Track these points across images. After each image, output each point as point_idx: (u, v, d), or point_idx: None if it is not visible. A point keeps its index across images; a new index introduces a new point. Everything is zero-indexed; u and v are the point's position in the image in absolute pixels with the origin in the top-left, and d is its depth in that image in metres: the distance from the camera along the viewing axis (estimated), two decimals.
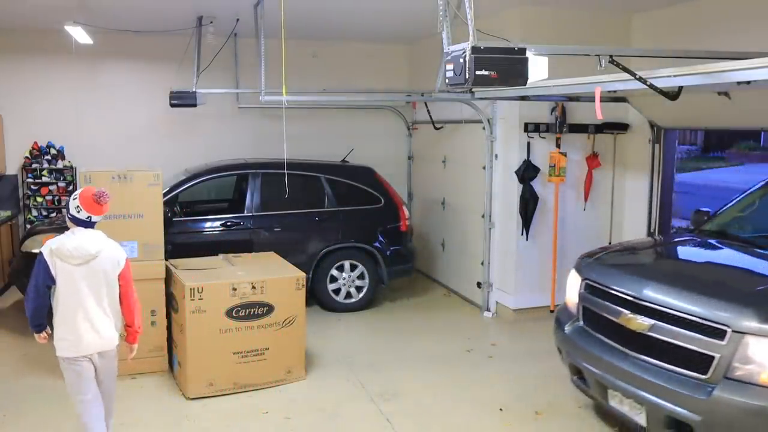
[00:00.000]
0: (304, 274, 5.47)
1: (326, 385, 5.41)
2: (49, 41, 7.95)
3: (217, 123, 8.85)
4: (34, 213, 8.27)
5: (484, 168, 7.27)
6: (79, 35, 6.89)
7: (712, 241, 4.79)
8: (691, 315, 3.65)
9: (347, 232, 7.33)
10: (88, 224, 3.69)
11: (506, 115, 6.96)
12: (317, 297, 7.28)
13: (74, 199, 3.68)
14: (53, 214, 8.23)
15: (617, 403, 4.06)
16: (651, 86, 3.78)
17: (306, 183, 7.29)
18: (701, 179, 22.35)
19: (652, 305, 3.86)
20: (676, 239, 5.49)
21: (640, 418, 3.87)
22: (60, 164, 8.32)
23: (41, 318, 3.74)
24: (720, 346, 3.49)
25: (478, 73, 3.45)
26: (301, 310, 5.38)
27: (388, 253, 7.44)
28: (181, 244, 6.46)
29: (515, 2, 6.44)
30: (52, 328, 3.77)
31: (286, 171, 6.34)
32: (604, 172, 7.18)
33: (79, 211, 3.65)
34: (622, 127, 7.02)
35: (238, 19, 7.18)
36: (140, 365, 5.39)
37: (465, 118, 7.56)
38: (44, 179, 8.28)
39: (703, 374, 3.54)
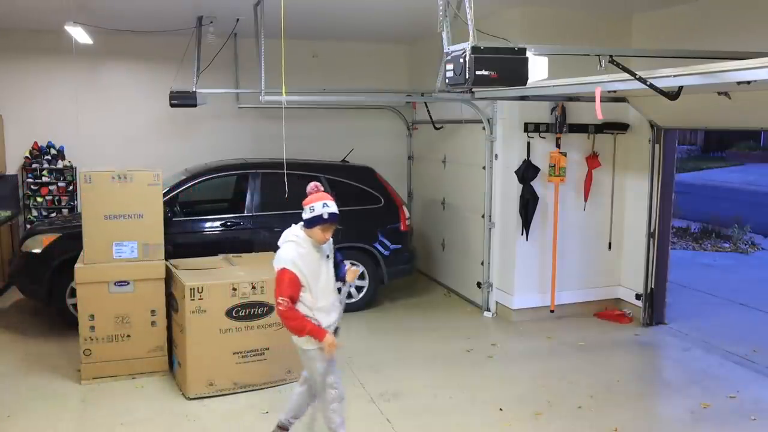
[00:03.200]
0: None
1: None
2: (49, 41, 7.96)
3: (217, 123, 8.85)
4: (34, 213, 8.26)
5: (484, 168, 7.27)
6: (79, 35, 6.88)
7: None
8: None
9: (347, 232, 7.29)
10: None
11: (506, 115, 6.96)
12: None
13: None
14: (53, 214, 8.22)
15: None
16: (651, 86, 3.78)
17: (306, 183, 7.23)
18: (702, 179, 22.38)
19: None
20: None
21: None
22: (60, 164, 8.32)
23: None
24: None
25: (478, 73, 3.45)
26: None
27: (388, 253, 7.44)
28: (181, 244, 6.45)
29: (515, 2, 6.44)
30: None
31: (285, 171, 6.33)
32: (604, 172, 7.18)
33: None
34: (622, 127, 7.03)
35: (238, 19, 7.18)
36: (140, 365, 5.41)
37: (465, 118, 7.56)
38: (44, 179, 8.28)
39: None
